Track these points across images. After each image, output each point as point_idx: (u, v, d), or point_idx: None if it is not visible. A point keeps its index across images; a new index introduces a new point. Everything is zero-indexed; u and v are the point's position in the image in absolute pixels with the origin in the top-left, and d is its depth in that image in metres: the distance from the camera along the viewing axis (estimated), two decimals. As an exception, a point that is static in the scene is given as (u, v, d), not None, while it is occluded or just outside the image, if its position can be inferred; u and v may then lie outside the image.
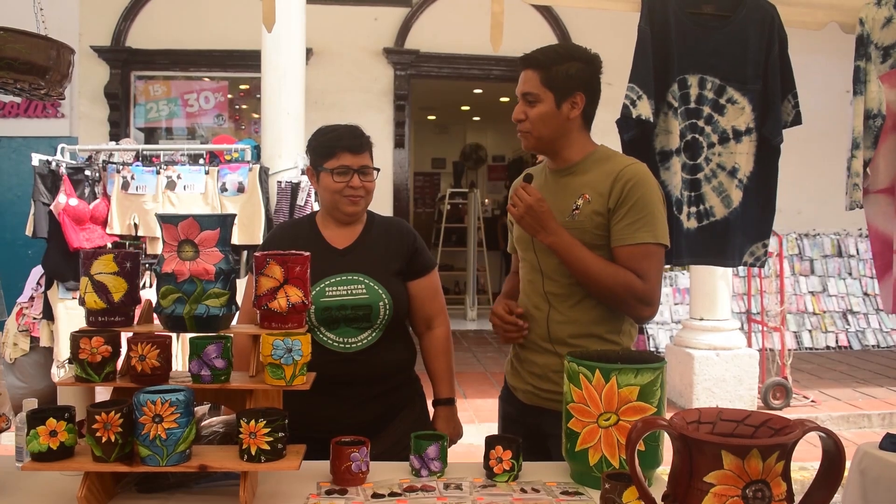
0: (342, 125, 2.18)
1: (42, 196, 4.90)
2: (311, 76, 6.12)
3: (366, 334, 2.10)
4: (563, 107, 2.02)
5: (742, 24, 2.60)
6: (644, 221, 1.93)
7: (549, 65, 2.01)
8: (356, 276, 2.11)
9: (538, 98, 2.02)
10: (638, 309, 1.97)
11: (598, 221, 1.97)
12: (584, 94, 2.03)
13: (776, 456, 1.13)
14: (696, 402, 5.76)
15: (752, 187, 2.68)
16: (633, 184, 1.94)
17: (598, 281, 1.94)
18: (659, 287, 1.98)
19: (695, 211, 2.66)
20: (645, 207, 1.94)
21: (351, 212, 2.15)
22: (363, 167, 2.12)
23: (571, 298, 2.02)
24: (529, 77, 2.04)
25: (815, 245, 8.59)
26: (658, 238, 1.95)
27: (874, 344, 8.36)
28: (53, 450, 1.48)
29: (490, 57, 7.83)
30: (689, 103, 2.61)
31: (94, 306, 1.62)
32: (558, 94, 2.01)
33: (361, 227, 2.21)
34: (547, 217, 1.96)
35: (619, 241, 1.95)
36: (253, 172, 4.99)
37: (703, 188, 2.66)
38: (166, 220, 1.63)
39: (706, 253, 2.69)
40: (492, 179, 13.68)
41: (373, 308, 2.08)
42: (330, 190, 2.12)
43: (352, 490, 1.63)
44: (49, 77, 2.02)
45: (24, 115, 7.70)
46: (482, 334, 8.97)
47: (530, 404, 2.09)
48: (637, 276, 1.93)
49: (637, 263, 1.93)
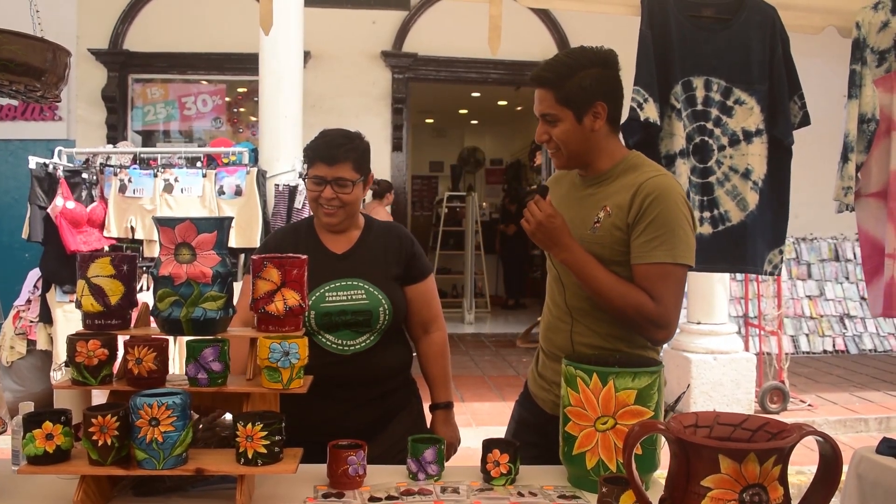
0: (334, 133, 2.14)
1: (39, 199, 4.90)
2: (308, 79, 6.12)
3: (364, 337, 2.10)
4: (584, 121, 1.90)
5: (743, 26, 2.60)
6: (662, 239, 1.82)
7: (560, 81, 1.88)
8: (356, 282, 2.10)
9: (557, 118, 1.90)
10: (650, 331, 1.86)
11: (617, 236, 1.87)
12: (604, 102, 1.90)
13: (773, 460, 1.13)
14: (694, 406, 5.75)
15: (766, 190, 2.64)
16: (653, 198, 1.82)
17: (609, 300, 1.85)
18: (675, 308, 1.85)
19: (708, 216, 2.61)
20: (665, 225, 1.82)
21: (326, 222, 2.13)
22: (338, 178, 2.08)
23: (594, 312, 1.93)
24: (544, 96, 1.91)
25: (813, 249, 8.61)
26: (677, 258, 1.82)
27: (871, 348, 8.37)
28: (50, 453, 1.48)
29: (488, 60, 7.85)
30: (696, 105, 2.59)
31: (91, 309, 1.61)
32: (577, 109, 1.89)
33: (359, 233, 2.20)
34: (559, 233, 1.85)
35: (637, 259, 1.85)
36: (250, 176, 4.99)
37: (717, 192, 2.61)
38: (163, 222, 1.63)
39: (722, 259, 2.63)
40: (490, 183, 13.69)
41: (373, 313, 2.08)
42: (308, 197, 2.15)
43: (349, 493, 1.63)
44: (45, 79, 2.02)
45: (21, 118, 7.70)
46: (480, 338, 8.97)
47: (553, 414, 1.98)
48: (650, 297, 1.81)
49: (652, 283, 1.82)
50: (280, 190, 4.97)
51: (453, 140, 13.77)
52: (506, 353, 7.77)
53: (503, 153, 13.58)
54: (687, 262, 1.85)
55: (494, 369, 6.83)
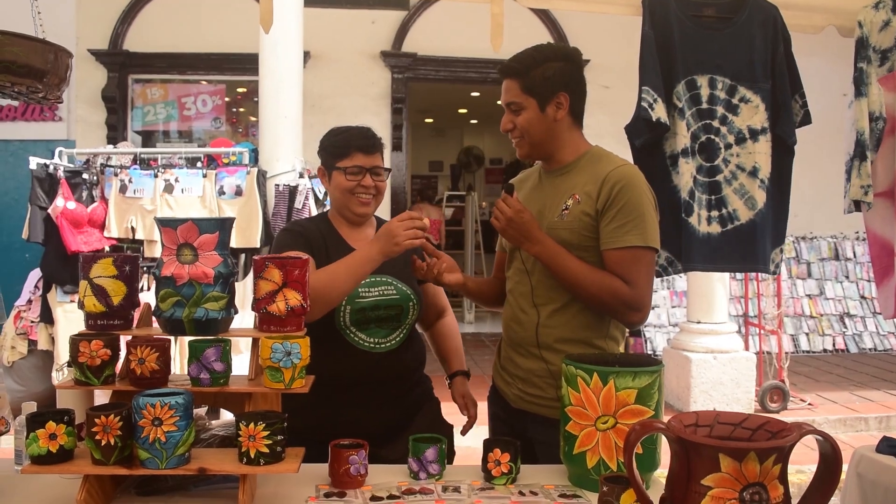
0: (354, 126, 2.21)
1: (39, 200, 4.90)
2: (308, 79, 6.12)
3: (395, 334, 2.14)
4: (547, 110, 2.00)
5: (746, 25, 2.60)
6: (634, 224, 1.90)
7: (526, 71, 1.99)
8: (384, 278, 2.14)
9: (521, 106, 2.01)
10: (626, 314, 1.94)
11: (586, 222, 1.95)
12: (566, 94, 2.00)
13: (773, 459, 1.14)
14: (694, 405, 5.76)
15: (772, 189, 2.63)
16: (621, 186, 1.91)
17: (584, 287, 1.92)
18: (648, 291, 1.94)
19: (716, 215, 2.60)
20: (634, 210, 1.91)
21: (361, 212, 2.17)
22: (375, 167, 2.15)
23: (558, 303, 2.00)
24: (510, 86, 2.03)
25: (812, 248, 8.61)
26: (647, 241, 1.92)
27: (871, 347, 8.37)
28: (53, 453, 1.48)
29: (487, 60, 7.84)
30: (701, 104, 2.59)
31: (94, 309, 1.62)
32: (540, 98, 1.99)
33: (374, 230, 2.23)
34: (529, 227, 1.95)
35: (608, 245, 1.93)
36: (251, 176, 4.99)
37: (724, 191, 2.61)
38: (165, 223, 1.63)
39: (733, 259, 2.63)
40: (489, 182, 13.69)
41: (403, 308, 2.13)
42: (341, 189, 2.14)
43: (350, 493, 1.63)
44: (47, 80, 2.03)
45: (22, 119, 7.70)
46: (480, 337, 8.97)
47: (517, 408, 2.08)
48: (624, 281, 1.90)
49: (625, 267, 1.91)
50: (280, 190, 4.97)
51: (453, 140, 13.76)
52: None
53: (503, 152, 13.56)
54: (655, 245, 1.95)
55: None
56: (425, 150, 13.42)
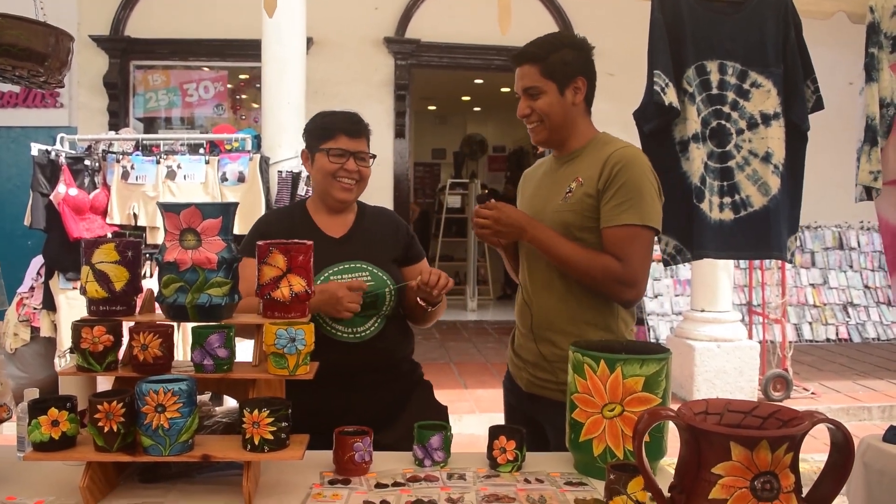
0: (340, 111, 2.19)
1: (41, 186, 4.88)
2: (311, 66, 6.09)
3: (372, 321, 2.09)
4: (566, 94, 2.03)
5: (756, 9, 2.58)
6: (631, 203, 1.93)
7: (545, 56, 2.02)
8: (359, 264, 2.10)
9: (541, 90, 2.03)
10: (619, 291, 1.96)
11: (588, 203, 1.97)
12: (584, 78, 2.05)
13: (785, 447, 1.12)
14: (697, 393, 5.76)
15: (786, 175, 2.61)
16: (621, 166, 1.94)
17: (576, 267, 1.95)
18: (643, 269, 1.96)
19: (729, 202, 2.59)
20: (633, 189, 1.93)
21: (342, 198, 2.14)
22: (359, 151, 2.12)
23: (559, 288, 2.03)
24: (528, 71, 2.04)
25: (817, 237, 8.58)
26: (644, 220, 1.94)
27: (874, 337, 8.36)
28: (55, 440, 1.47)
29: (491, 47, 7.80)
30: (711, 89, 2.57)
31: (96, 295, 1.61)
32: (560, 82, 2.02)
33: (354, 216, 2.21)
34: (516, 217, 1.99)
35: (606, 223, 1.96)
36: (253, 162, 4.98)
37: (737, 177, 2.59)
38: (169, 208, 1.62)
39: (747, 245, 2.62)
40: (492, 170, 13.67)
41: (379, 295, 2.07)
42: (324, 171, 2.11)
43: (355, 480, 1.63)
44: (48, 64, 2.00)
45: (23, 105, 7.67)
46: (482, 325, 8.97)
47: (528, 392, 2.11)
48: (616, 259, 1.92)
49: (619, 245, 1.93)
50: (283, 176, 4.96)
51: (456, 127, 13.72)
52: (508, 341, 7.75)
53: (506, 140, 13.53)
54: (654, 225, 1.96)
55: (497, 356, 6.81)
56: (428, 137, 13.38)
